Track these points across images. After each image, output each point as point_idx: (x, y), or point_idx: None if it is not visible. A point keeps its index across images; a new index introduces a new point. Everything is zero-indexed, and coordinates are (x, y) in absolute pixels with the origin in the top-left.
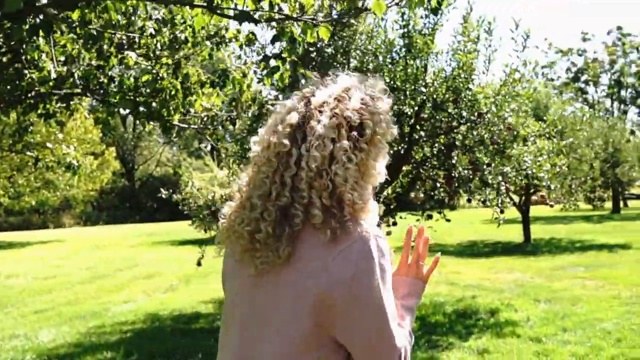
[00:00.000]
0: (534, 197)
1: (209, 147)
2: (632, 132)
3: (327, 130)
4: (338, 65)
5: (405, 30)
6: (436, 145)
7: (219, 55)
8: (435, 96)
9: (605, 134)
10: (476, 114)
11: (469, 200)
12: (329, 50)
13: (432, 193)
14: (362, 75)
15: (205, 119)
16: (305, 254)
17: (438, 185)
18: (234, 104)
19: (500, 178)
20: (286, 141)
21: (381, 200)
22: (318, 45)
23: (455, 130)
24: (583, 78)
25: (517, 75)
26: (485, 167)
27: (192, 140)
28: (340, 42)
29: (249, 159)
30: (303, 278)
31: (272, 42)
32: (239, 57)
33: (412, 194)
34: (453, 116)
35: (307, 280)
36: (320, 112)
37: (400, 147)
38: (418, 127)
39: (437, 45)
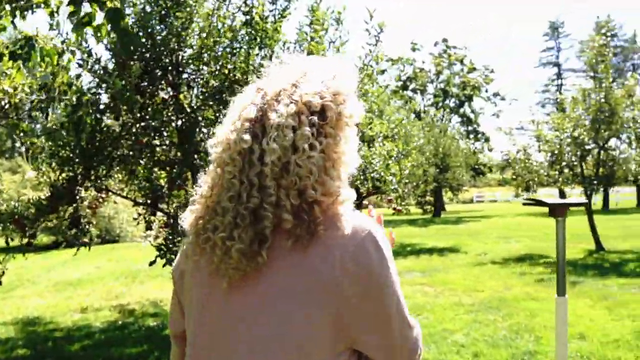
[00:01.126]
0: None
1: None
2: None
3: (286, 119)
4: (171, 54)
5: (249, 17)
6: None
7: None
8: None
9: (435, 140)
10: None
11: None
12: (163, 34)
13: None
14: (321, 57)
15: (5, 105)
16: (283, 262)
17: None
18: (45, 88)
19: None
20: (247, 137)
21: None
22: (149, 30)
23: None
24: (411, 86)
25: (370, 71)
26: None
27: (5, 138)
28: (175, 23)
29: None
30: (293, 286)
31: None
32: (52, 26)
33: None
34: None
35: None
36: (278, 101)
37: None
38: None
39: (285, 35)
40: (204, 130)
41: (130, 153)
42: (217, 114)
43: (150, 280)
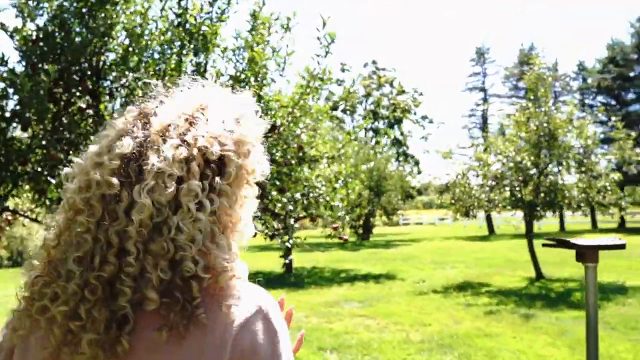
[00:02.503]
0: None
1: None
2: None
3: (171, 165)
4: (91, 57)
5: (182, 19)
6: None
7: None
8: None
9: (369, 162)
10: (269, 126)
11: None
12: (83, 33)
13: None
14: (224, 87)
15: None
16: (153, 355)
17: None
18: None
19: (290, 207)
20: (114, 180)
21: None
22: (66, 26)
23: None
24: (341, 107)
25: (317, 84)
26: (277, 193)
27: None
28: (98, 22)
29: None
30: None
31: None
32: None
33: None
34: None
35: None
36: (164, 138)
37: None
38: None
39: (225, 41)
40: None
41: (39, 170)
42: None
43: None
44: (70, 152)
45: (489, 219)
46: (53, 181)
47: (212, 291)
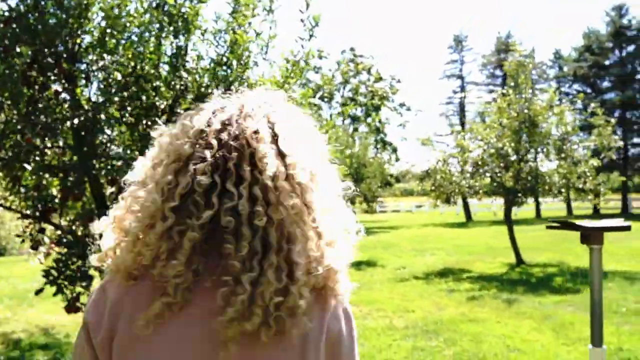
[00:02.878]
0: None
1: None
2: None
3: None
4: (67, 39)
5: (160, 0)
6: None
7: None
8: (199, 85)
9: (349, 149)
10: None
11: None
12: (58, 14)
13: None
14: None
15: None
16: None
17: None
18: None
19: None
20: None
21: None
22: (39, 7)
23: None
24: (319, 94)
25: (301, 66)
26: None
27: None
28: (73, 3)
29: None
30: None
31: None
32: None
33: None
34: None
35: None
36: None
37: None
38: (172, 125)
39: (207, 22)
40: (107, 131)
41: (13, 155)
42: (122, 112)
43: (40, 302)
44: (46, 137)
45: (466, 206)
46: (29, 167)
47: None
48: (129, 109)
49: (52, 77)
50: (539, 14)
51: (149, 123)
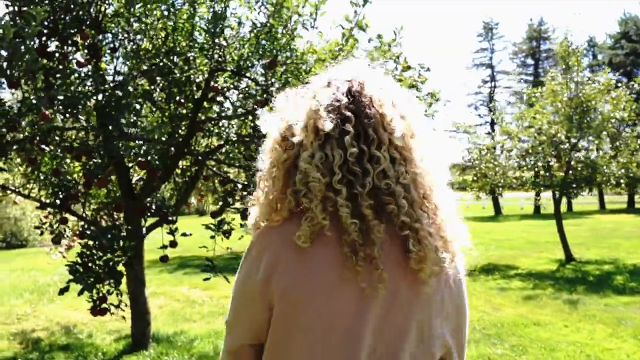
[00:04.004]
0: None
1: None
2: None
3: None
4: (89, 6)
5: None
6: (236, 129)
7: None
8: (238, 57)
9: None
10: (306, 83)
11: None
12: None
13: (229, 199)
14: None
15: None
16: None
17: (240, 187)
18: None
19: None
20: None
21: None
22: None
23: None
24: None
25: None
26: None
27: None
28: None
29: None
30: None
31: None
32: None
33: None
34: (265, 87)
35: None
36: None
37: (179, 131)
38: (207, 102)
39: None
40: (136, 106)
41: (29, 135)
42: (153, 87)
43: (61, 297)
44: (67, 114)
45: (495, 199)
46: (47, 149)
47: None
48: (159, 83)
49: (74, 48)
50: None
51: (182, 101)
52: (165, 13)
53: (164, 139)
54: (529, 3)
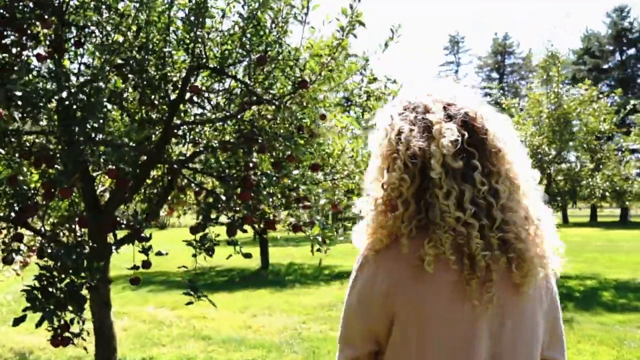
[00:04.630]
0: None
1: None
2: None
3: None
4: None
5: None
6: (220, 133)
7: None
8: (222, 52)
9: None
10: (299, 82)
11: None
12: None
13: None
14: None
15: None
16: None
17: (224, 197)
18: None
19: (320, 190)
20: None
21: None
22: None
23: (260, 111)
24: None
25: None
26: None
27: None
28: None
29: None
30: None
31: None
32: None
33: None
34: (251, 87)
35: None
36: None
37: (152, 136)
38: (184, 104)
39: None
40: (107, 105)
41: None
42: (124, 85)
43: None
44: (26, 113)
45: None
46: (2, 152)
47: None
48: (132, 80)
49: (34, 42)
50: (536, 15)
51: (155, 102)
52: (137, 5)
53: (133, 144)
54: (494, 18)
